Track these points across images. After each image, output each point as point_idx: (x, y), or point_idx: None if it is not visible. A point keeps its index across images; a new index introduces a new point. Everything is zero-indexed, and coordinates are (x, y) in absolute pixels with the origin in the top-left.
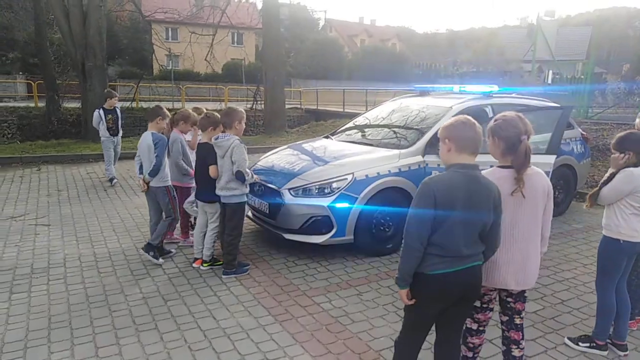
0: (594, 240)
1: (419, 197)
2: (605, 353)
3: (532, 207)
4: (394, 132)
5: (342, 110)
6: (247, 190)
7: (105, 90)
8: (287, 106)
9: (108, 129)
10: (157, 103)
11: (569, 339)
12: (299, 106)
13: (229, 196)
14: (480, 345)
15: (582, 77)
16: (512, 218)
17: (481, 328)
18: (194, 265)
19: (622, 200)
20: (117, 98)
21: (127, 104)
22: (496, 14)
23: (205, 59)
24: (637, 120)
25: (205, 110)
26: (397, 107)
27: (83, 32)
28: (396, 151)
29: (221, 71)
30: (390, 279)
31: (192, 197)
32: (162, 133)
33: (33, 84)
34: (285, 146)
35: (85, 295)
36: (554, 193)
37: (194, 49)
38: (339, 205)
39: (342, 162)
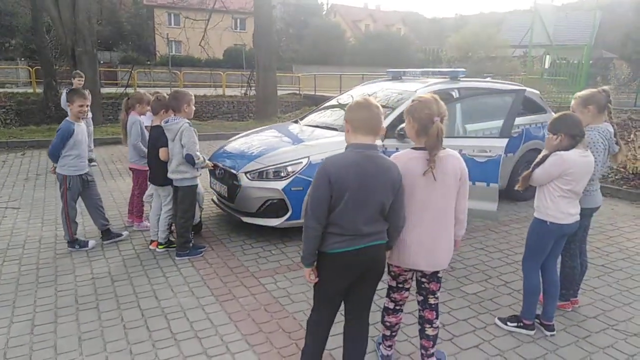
0: None
1: (315, 177)
2: (532, 332)
3: (443, 189)
4: None
5: (339, 95)
6: (199, 173)
7: (74, 72)
8: (285, 92)
9: None
10: (155, 89)
11: (499, 319)
12: (297, 92)
13: (179, 179)
14: (397, 324)
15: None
16: (422, 199)
17: (397, 307)
18: (150, 247)
19: (552, 182)
20: (82, 79)
21: (123, 90)
22: None
23: (200, 45)
24: (572, 102)
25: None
26: (366, 92)
27: (72, 18)
28: None
29: (222, 57)
30: None
31: (150, 191)
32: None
33: (31, 69)
34: (251, 130)
35: (36, 275)
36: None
37: (195, 35)
38: (294, 188)
39: (299, 146)
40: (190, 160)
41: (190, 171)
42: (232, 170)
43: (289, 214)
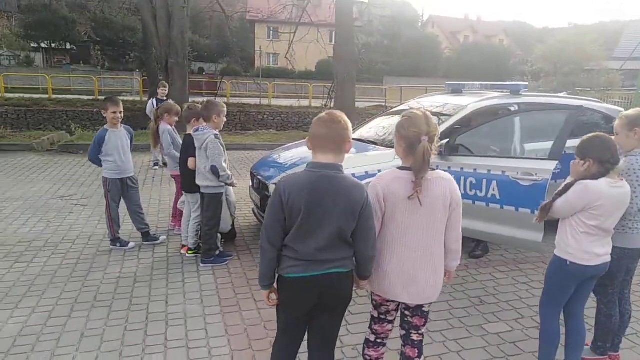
0: None
1: (271, 197)
2: None
3: (428, 215)
4: None
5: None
6: (224, 186)
7: (159, 82)
8: (371, 104)
9: None
10: (244, 100)
11: None
12: (383, 104)
13: (205, 186)
14: (378, 359)
15: None
16: (404, 224)
17: (379, 340)
18: (181, 252)
19: (575, 216)
20: (166, 89)
21: (198, 99)
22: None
23: (286, 57)
24: (616, 122)
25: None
26: (421, 105)
27: (167, 32)
28: (392, 150)
29: (314, 69)
30: None
31: (184, 197)
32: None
33: (139, 80)
34: (297, 142)
35: (72, 270)
36: None
37: (295, 48)
38: None
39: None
40: (215, 171)
41: (215, 179)
42: (265, 181)
43: None
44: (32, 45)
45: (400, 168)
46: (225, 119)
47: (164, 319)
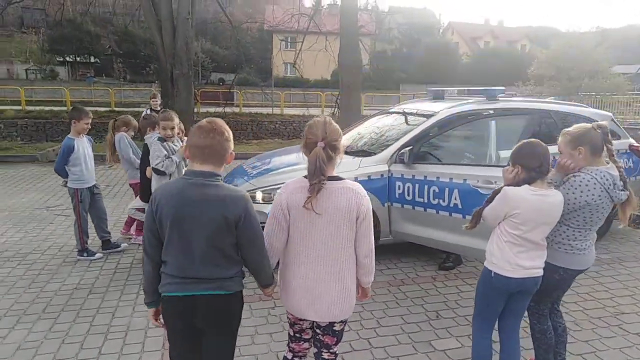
0: (608, 275)
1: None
2: None
3: (330, 227)
4: (376, 139)
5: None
6: None
7: (151, 93)
8: None
9: None
10: (257, 109)
11: None
12: None
13: None
14: None
15: None
16: (307, 236)
17: (297, 358)
18: None
19: (500, 224)
20: (157, 99)
21: (221, 109)
22: None
23: (294, 66)
24: (559, 140)
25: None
26: (398, 112)
27: (172, 43)
28: (358, 159)
29: (330, 77)
30: None
31: (135, 203)
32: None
33: (155, 91)
34: (273, 151)
35: (32, 280)
36: None
37: (307, 57)
38: None
39: (296, 168)
40: (157, 172)
41: (158, 184)
42: None
43: None
44: (58, 59)
45: (306, 176)
46: (170, 133)
47: (104, 332)
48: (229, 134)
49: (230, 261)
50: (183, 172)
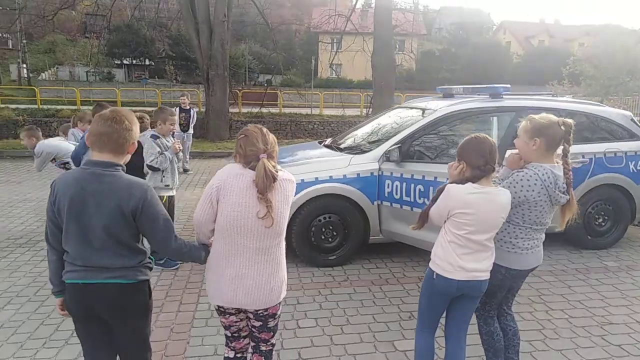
0: (609, 284)
1: None
2: None
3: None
4: (371, 138)
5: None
6: (169, 189)
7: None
8: None
9: (180, 125)
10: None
11: None
12: None
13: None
14: None
15: None
16: (238, 223)
17: (239, 355)
18: None
19: (445, 223)
20: (186, 98)
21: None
22: None
23: (330, 67)
24: (520, 126)
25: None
26: (402, 110)
27: (209, 45)
28: (348, 157)
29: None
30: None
31: None
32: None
33: (198, 92)
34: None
35: (33, 266)
36: (598, 219)
37: (352, 58)
38: None
39: (286, 165)
40: (151, 168)
41: (152, 180)
42: None
43: None
44: (116, 62)
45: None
46: (171, 127)
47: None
48: (131, 123)
49: (133, 250)
50: (176, 167)
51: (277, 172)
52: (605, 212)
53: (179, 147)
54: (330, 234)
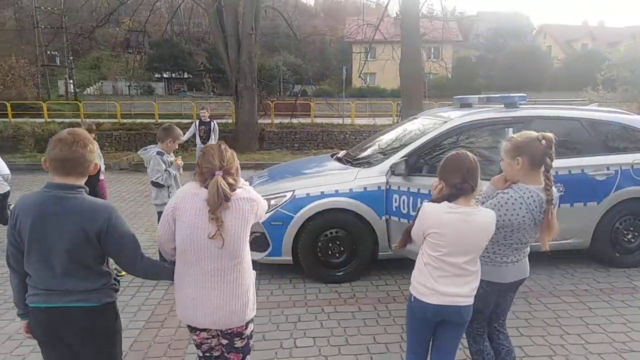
0: (635, 306)
1: None
2: None
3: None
4: (382, 150)
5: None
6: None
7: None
8: None
9: (200, 137)
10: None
11: None
12: None
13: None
14: None
15: None
16: (197, 244)
17: None
18: None
19: (424, 244)
20: (206, 111)
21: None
22: None
23: (359, 76)
24: (502, 148)
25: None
26: (416, 121)
27: (237, 58)
28: (355, 170)
29: None
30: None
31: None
32: None
33: (231, 103)
34: (291, 161)
35: None
36: (627, 235)
37: (386, 67)
38: (273, 223)
39: (293, 179)
40: (154, 184)
41: (159, 197)
42: None
43: (269, 249)
44: (156, 76)
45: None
46: (176, 147)
47: None
48: (92, 144)
49: (97, 273)
50: (180, 183)
51: (233, 189)
52: (635, 227)
53: (181, 164)
54: (337, 249)
